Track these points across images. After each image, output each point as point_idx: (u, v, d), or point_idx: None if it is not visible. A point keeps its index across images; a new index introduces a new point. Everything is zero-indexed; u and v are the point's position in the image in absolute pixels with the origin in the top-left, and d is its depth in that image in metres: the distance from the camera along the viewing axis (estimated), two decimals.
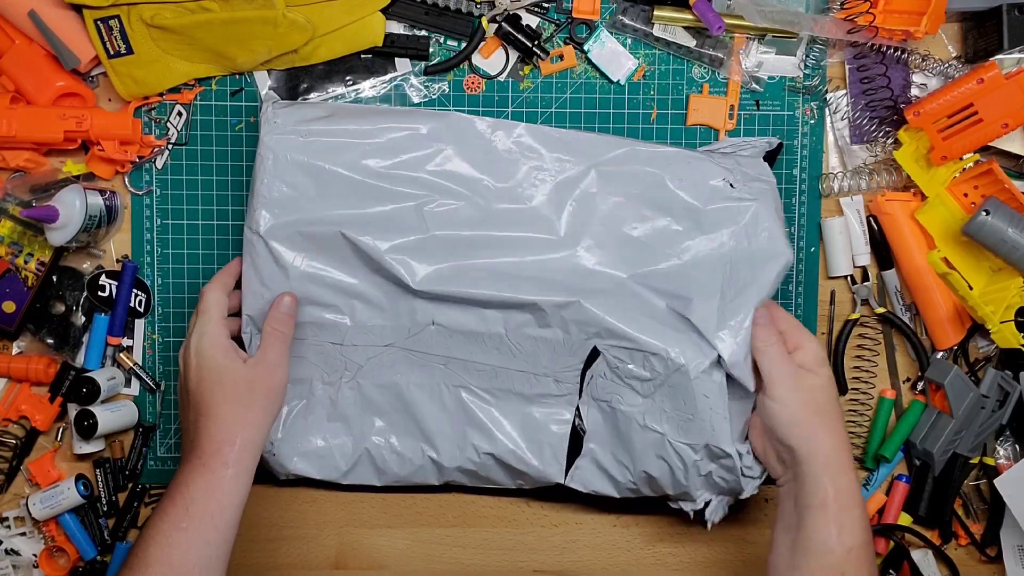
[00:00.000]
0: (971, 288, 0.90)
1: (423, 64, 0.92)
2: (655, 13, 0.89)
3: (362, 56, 0.91)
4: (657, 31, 0.91)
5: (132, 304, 0.92)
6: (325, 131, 0.82)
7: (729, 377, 0.82)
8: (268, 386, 0.79)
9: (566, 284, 0.83)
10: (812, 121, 0.94)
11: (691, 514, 0.87)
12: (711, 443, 0.82)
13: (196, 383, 0.78)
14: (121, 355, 0.93)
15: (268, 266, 0.83)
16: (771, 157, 0.91)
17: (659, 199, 0.84)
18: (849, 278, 0.96)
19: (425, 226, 0.83)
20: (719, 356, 0.81)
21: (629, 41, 0.92)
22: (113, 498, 0.94)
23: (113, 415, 0.90)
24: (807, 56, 0.93)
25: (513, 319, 0.84)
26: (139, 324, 0.93)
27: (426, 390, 0.87)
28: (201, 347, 0.79)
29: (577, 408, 0.87)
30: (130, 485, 0.94)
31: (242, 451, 0.76)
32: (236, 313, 0.85)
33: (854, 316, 0.95)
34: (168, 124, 0.92)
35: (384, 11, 0.89)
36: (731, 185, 0.84)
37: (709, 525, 0.86)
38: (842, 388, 0.96)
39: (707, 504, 0.86)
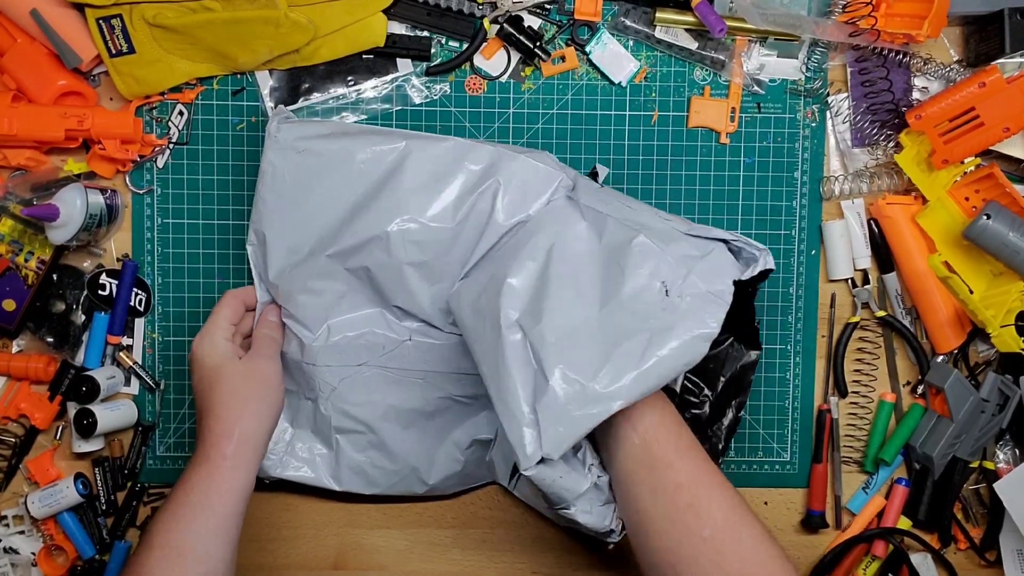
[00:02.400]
0: (972, 292, 0.90)
1: (425, 65, 0.92)
2: (657, 15, 0.89)
3: (364, 56, 0.91)
4: (659, 33, 0.91)
5: (132, 303, 0.92)
6: (322, 149, 0.83)
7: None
8: (261, 378, 0.82)
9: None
10: (813, 124, 0.94)
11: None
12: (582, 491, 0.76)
13: (197, 383, 0.82)
14: (121, 354, 0.93)
15: (266, 278, 0.86)
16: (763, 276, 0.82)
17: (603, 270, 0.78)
18: (849, 281, 0.96)
19: (404, 245, 0.81)
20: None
21: (631, 43, 0.92)
22: (112, 497, 0.94)
23: (112, 414, 0.90)
24: (809, 59, 0.93)
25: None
26: (139, 323, 0.93)
27: (406, 406, 0.87)
28: (201, 349, 0.82)
29: None
30: (129, 484, 0.94)
31: (240, 444, 0.78)
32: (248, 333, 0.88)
33: (854, 319, 0.95)
34: (169, 123, 0.92)
35: (386, 11, 0.89)
36: (666, 293, 0.75)
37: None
38: (842, 391, 0.96)
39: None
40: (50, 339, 0.92)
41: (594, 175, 0.92)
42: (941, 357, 0.95)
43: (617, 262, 0.77)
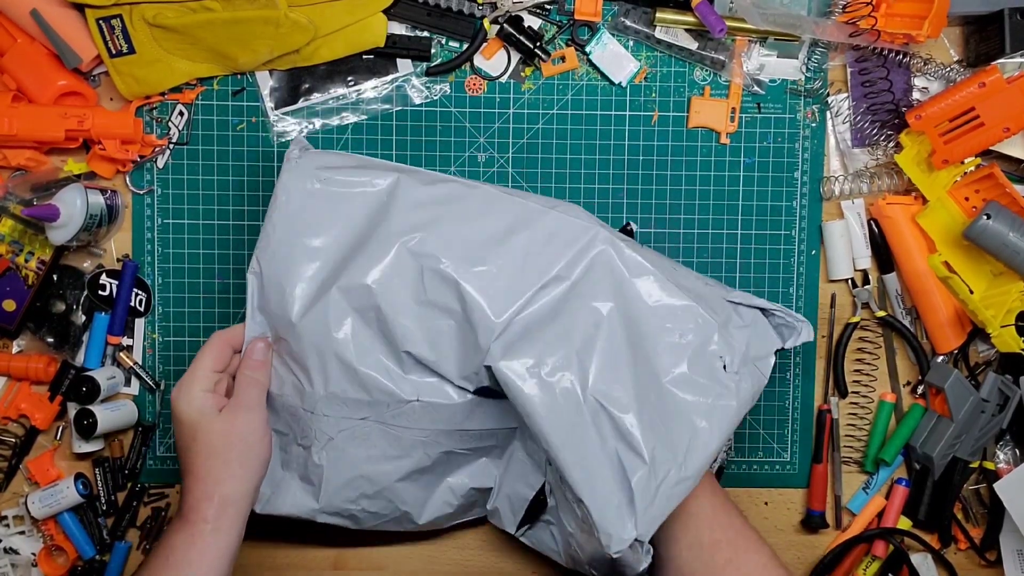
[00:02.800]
0: (972, 292, 0.90)
1: (425, 65, 0.92)
2: (657, 15, 0.89)
3: (364, 57, 0.91)
4: (659, 33, 0.91)
5: (132, 303, 0.92)
6: (343, 179, 0.80)
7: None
8: (243, 435, 0.77)
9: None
10: (813, 124, 0.94)
11: None
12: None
13: (177, 437, 0.79)
14: (121, 354, 0.93)
15: (267, 310, 0.80)
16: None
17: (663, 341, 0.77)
18: (850, 281, 0.96)
19: (423, 285, 0.78)
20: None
21: (631, 43, 0.92)
22: (112, 497, 0.94)
23: (112, 414, 0.90)
24: (809, 59, 0.93)
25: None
26: (139, 323, 0.93)
27: (405, 463, 0.81)
28: (178, 403, 0.78)
29: (544, 483, 0.83)
30: (129, 484, 0.94)
31: (221, 507, 0.75)
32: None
33: (854, 319, 0.95)
34: (169, 123, 0.92)
35: (386, 12, 0.89)
36: (724, 367, 0.76)
37: None
38: (842, 391, 0.96)
39: None
40: (50, 339, 0.92)
41: (627, 231, 0.92)
42: (941, 357, 0.95)
43: (676, 329, 0.77)
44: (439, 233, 0.78)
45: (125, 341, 0.93)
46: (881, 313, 0.95)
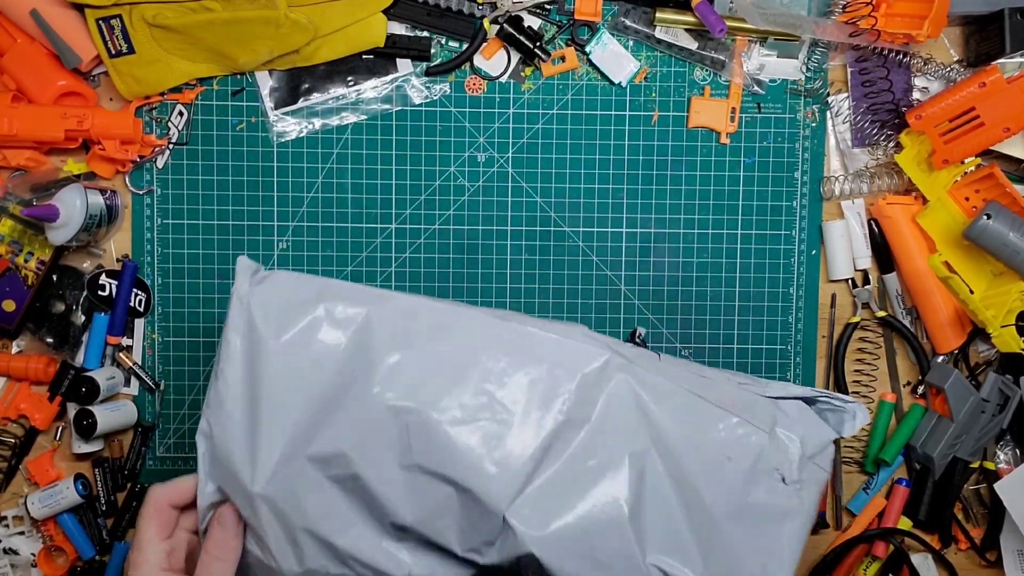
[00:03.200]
0: (972, 292, 0.90)
1: (424, 65, 0.92)
2: (657, 15, 0.89)
3: (364, 57, 0.91)
4: (659, 33, 0.91)
5: (132, 304, 0.92)
6: (305, 324, 0.67)
7: None
8: None
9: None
10: (813, 124, 0.94)
11: None
12: None
13: None
14: (121, 354, 0.93)
15: (222, 478, 0.67)
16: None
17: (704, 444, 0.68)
18: (850, 281, 0.95)
19: (409, 447, 0.66)
20: None
21: (631, 43, 0.92)
22: (112, 498, 0.94)
23: (112, 414, 0.90)
24: (809, 59, 0.93)
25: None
26: (139, 324, 0.93)
27: None
28: None
29: None
30: (129, 485, 0.94)
31: None
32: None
33: (855, 319, 0.95)
34: (169, 124, 0.92)
35: (386, 12, 0.89)
36: (783, 480, 0.68)
37: None
38: (843, 391, 0.96)
39: None
40: (50, 340, 0.92)
41: (635, 339, 0.90)
42: (941, 357, 0.95)
43: (722, 452, 0.68)
44: (423, 380, 0.66)
45: (125, 341, 0.93)
46: (881, 313, 0.95)
